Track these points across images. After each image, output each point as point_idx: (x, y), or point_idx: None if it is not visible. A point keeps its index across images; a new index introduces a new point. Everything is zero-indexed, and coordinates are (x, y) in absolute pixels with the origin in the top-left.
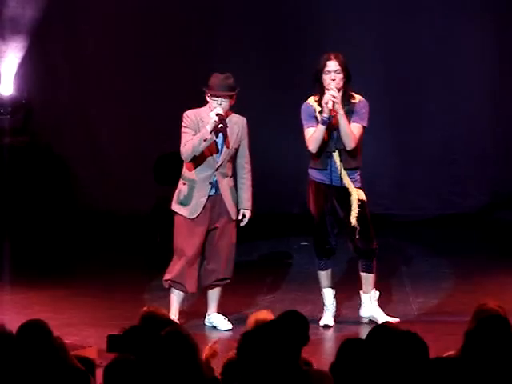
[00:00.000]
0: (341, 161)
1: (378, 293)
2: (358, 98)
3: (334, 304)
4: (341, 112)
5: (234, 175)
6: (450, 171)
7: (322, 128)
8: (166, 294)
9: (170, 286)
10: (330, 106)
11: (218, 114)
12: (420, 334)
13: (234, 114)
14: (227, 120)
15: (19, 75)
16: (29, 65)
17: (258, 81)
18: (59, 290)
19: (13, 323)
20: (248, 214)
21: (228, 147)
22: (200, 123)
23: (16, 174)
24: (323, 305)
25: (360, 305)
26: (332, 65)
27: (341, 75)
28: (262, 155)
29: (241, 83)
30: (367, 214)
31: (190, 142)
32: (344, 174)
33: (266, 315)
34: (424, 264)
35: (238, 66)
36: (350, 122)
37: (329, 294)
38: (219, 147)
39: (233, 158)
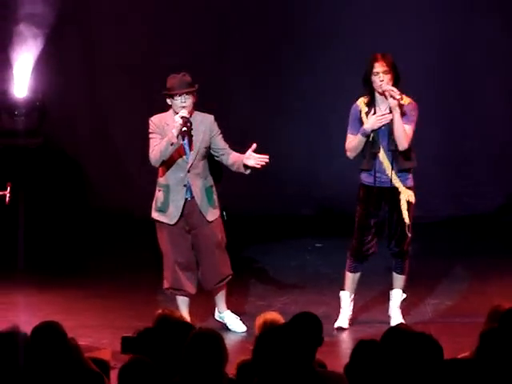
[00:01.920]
0: (392, 162)
1: (404, 295)
2: (407, 99)
3: (351, 307)
4: (397, 110)
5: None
6: (465, 172)
7: (361, 139)
8: None
9: (173, 294)
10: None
11: (182, 117)
12: (434, 335)
13: (198, 113)
14: (191, 119)
15: (34, 77)
16: (43, 66)
17: (273, 83)
18: (73, 291)
19: (27, 325)
20: (251, 154)
21: (191, 148)
22: (165, 127)
23: (30, 176)
24: (340, 307)
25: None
26: (379, 66)
27: (389, 75)
28: (274, 157)
29: (253, 86)
30: (411, 216)
31: (157, 147)
32: (393, 174)
33: (274, 316)
34: (438, 265)
35: (250, 68)
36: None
37: (346, 297)
38: (187, 147)
39: (205, 157)
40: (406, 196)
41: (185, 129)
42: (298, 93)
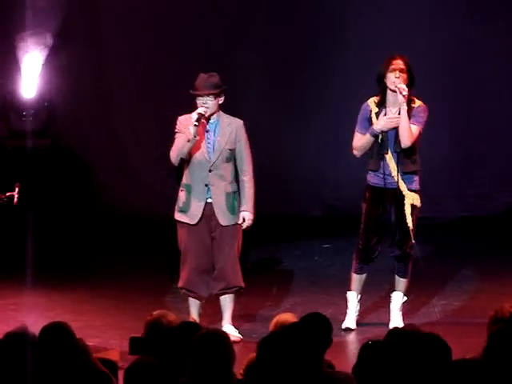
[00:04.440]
0: (397, 164)
1: (405, 298)
2: (418, 102)
3: (358, 308)
4: (405, 107)
5: (237, 180)
6: (474, 173)
7: (369, 138)
8: None
9: (185, 294)
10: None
11: (198, 113)
12: (443, 336)
13: (226, 115)
14: (215, 118)
15: (42, 78)
16: (51, 67)
17: (283, 84)
18: (82, 292)
19: (35, 325)
20: (247, 216)
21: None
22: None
23: (38, 177)
24: (346, 307)
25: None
26: (397, 63)
27: (405, 75)
28: (284, 158)
29: (264, 86)
30: (414, 220)
31: (175, 145)
32: (399, 176)
33: (288, 317)
34: (446, 266)
35: (261, 68)
36: None
37: (353, 298)
38: (211, 146)
39: (230, 160)
40: (411, 199)
41: (196, 123)
42: (308, 94)
